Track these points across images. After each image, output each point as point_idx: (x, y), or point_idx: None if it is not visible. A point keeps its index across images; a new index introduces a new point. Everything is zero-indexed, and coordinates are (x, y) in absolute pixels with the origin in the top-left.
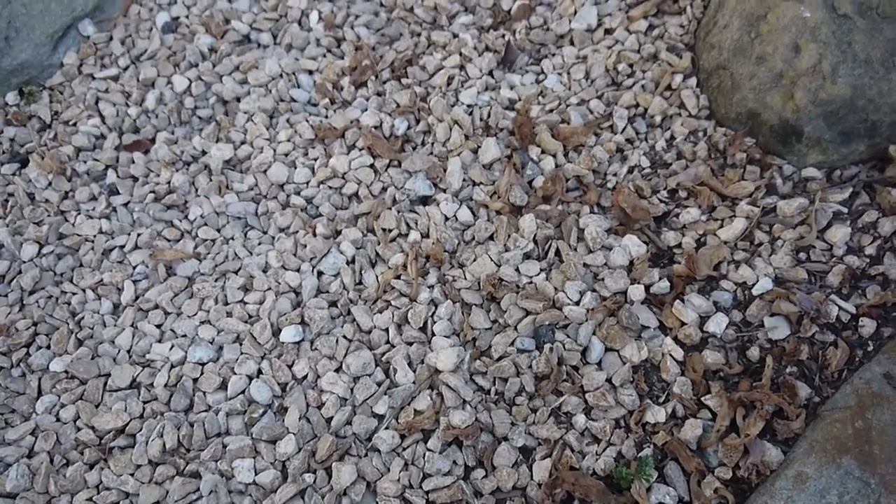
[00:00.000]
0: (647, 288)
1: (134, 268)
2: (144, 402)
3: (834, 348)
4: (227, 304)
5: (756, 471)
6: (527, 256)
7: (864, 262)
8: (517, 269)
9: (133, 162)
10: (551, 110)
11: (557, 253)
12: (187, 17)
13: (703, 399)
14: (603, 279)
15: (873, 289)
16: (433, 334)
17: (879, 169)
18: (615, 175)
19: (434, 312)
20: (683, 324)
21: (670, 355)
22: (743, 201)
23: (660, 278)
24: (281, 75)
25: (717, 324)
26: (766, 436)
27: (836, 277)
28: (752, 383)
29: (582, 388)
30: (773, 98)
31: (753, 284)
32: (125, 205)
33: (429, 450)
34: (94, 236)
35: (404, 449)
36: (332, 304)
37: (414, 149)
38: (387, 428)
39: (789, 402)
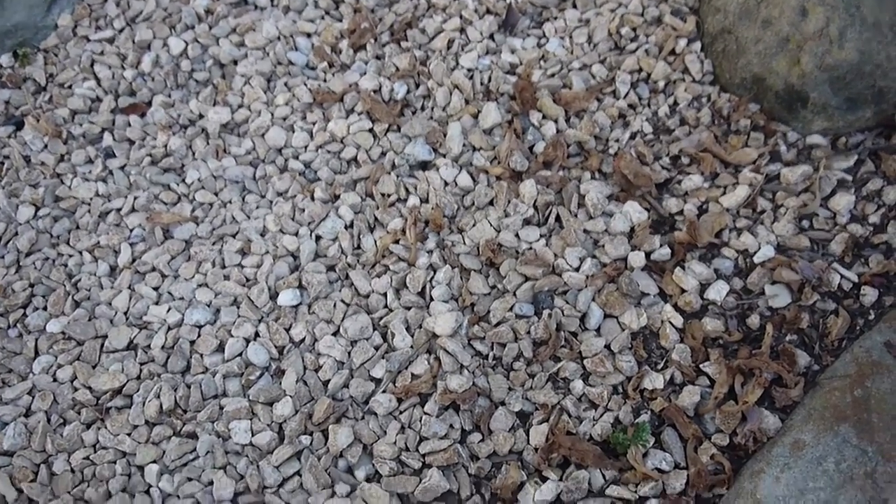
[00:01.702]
0: (647, 255)
1: (131, 230)
2: (141, 364)
3: (835, 317)
4: (224, 267)
5: (753, 438)
6: (527, 222)
7: (868, 231)
8: (517, 235)
9: (129, 125)
10: (553, 75)
11: (558, 219)
12: None
13: (701, 366)
14: (603, 245)
15: (876, 257)
16: (431, 299)
17: (886, 136)
18: (617, 141)
19: (433, 277)
20: (683, 291)
21: (670, 322)
22: (746, 168)
23: (661, 245)
24: (279, 38)
25: (718, 291)
26: (765, 403)
27: (838, 245)
28: (751, 351)
29: (580, 354)
30: (778, 63)
31: (755, 252)
32: (122, 168)
33: (426, 413)
34: (91, 199)
35: (401, 412)
36: (331, 268)
37: (413, 113)
38: (384, 391)
39: (788, 370)
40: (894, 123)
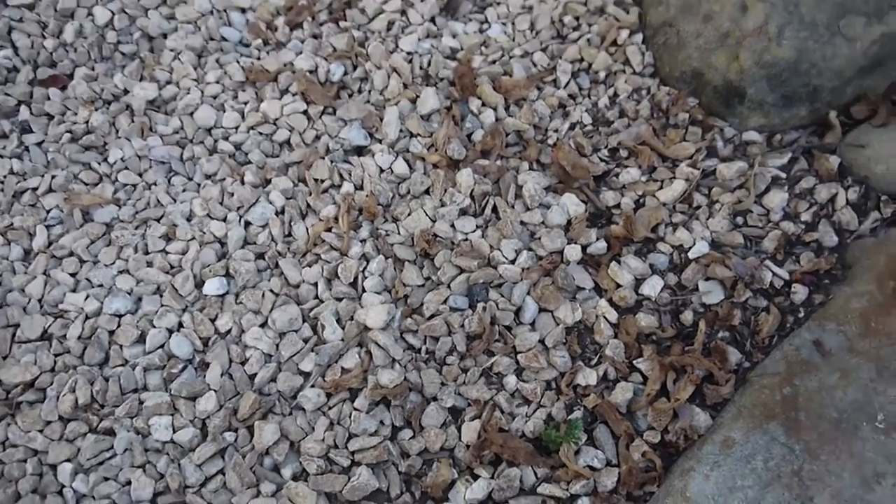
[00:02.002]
0: (583, 248)
1: (47, 212)
2: (56, 355)
3: (766, 314)
4: (147, 253)
5: (684, 435)
6: (463, 212)
7: (800, 229)
8: (452, 226)
9: (48, 98)
10: (494, 61)
11: (494, 210)
12: None
13: (634, 362)
14: (540, 238)
15: (807, 255)
16: (364, 290)
17: (819, 135)
18: (556, 131)
19: (365, 268)
20: (619, 286)
21: (604, 317)
22: (683, 163)
23: (597, 239)
24: (211, 12)
25: (653, 286)
26: (696, 400)
27: (771, 243)
28: (684, 347)
29: (514, 349)
30: (717, 58)
31: (690, 248)
32: (39, 144)
33: (355, 409)
34: (5, 177)
35: (330, 408)
36: (260, 256)
37: (350, 96)
38: (312, 386)
39: (720, 367)
40: (828, 122)
